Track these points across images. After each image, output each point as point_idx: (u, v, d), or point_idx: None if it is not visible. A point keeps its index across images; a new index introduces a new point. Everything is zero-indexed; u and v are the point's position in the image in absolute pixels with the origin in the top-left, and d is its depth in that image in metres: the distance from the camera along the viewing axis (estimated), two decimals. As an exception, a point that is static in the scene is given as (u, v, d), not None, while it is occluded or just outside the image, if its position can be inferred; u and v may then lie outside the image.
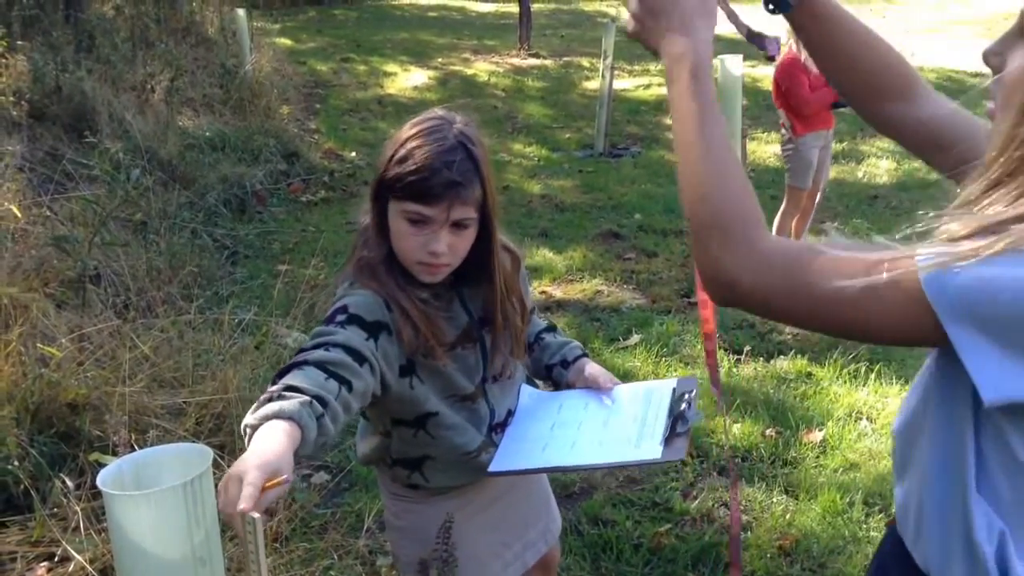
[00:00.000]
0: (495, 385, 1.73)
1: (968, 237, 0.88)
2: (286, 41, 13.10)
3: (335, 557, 2.66)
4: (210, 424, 3.01)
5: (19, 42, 6.46)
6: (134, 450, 2.65)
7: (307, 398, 1.25)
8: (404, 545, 1.82)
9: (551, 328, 1.96)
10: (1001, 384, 0.86)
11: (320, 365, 1.36)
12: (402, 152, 1.54)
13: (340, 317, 1.50)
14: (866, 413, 3.66)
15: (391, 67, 11.80)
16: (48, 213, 4.44)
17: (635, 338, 4.32)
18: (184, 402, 3.00)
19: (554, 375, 1.89)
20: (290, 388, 1.28)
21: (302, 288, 4.35)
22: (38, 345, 2.81)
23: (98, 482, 0.91)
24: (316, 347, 1.41)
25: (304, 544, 2.67)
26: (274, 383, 1.31)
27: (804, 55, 4.79)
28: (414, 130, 1.56)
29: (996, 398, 0.87)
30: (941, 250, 0.88)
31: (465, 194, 1.52)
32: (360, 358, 1.44)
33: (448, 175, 1.51)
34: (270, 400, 1.24)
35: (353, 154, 7.83)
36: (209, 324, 3.75)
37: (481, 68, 11.78)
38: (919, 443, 1.03)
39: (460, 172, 1.52)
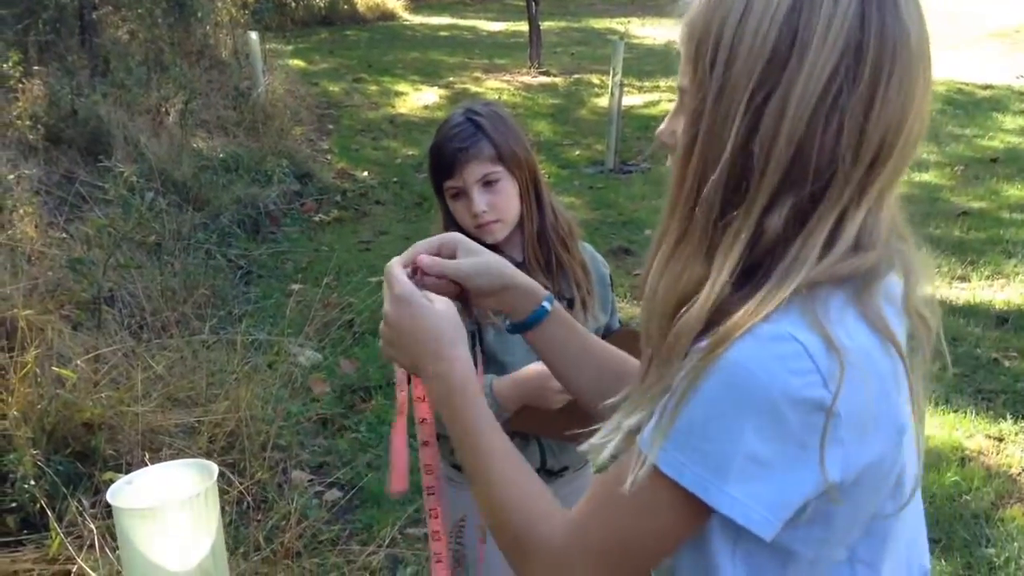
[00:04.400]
0: None
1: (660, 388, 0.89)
2: (299, 62, 13.22)
3: (345, 572, 2.68)
4: (222, 442, 3.04)
5: (35, 67, 6.57)
6: (148, 469, 2.70)
7: None
8: None
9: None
10: (769, 514, 0.84)
11: None
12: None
13: None
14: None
15: (402, 87, 11.89)
16: (64, 235, 4.51)
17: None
18: (197, 421, 3.03)
19: None
20: None
21: (315, 307, 4.40)
22: (53, 367, 2.86)
23: (108, 496, 0.95)
24: None
25: (315, 560, 2.70)
26: None
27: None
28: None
29: (774, 531, 0.85)
30: (651, 425, 0.88)
31: (473, 154, 1.76)
32: None
33: (452, 145, 1.76)
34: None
35: (365, 173, 7.89)
36: (223, 344, 3.79)
37: (491, 86, 11.86)
38: None
39: (462, 139, 1.76)
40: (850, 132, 0.85)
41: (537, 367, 1.72)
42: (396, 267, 1.12)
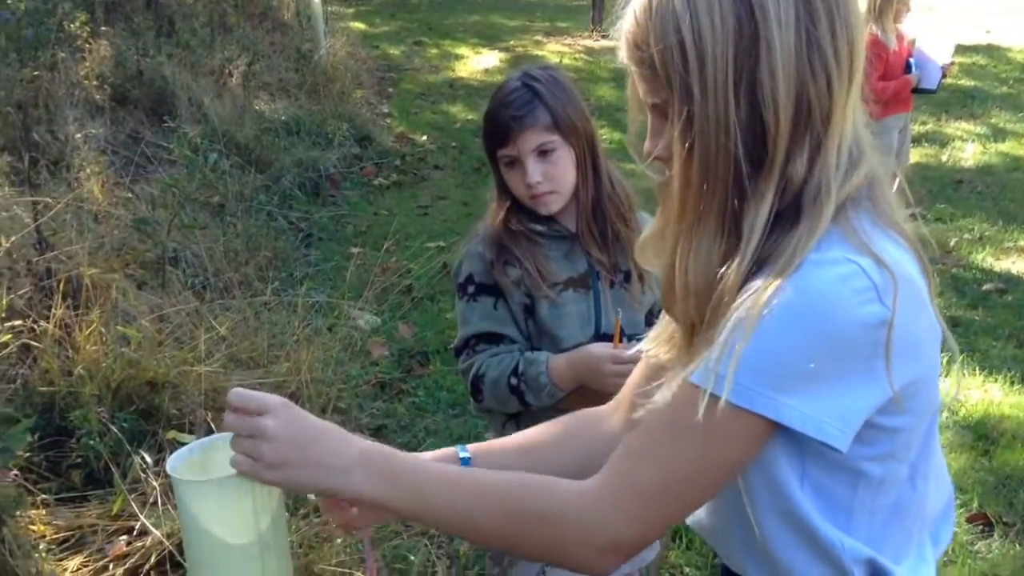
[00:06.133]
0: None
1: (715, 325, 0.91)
2: (360, 25, 13.18)
3: (403, 537, 2.68)
4: (284, 404, 3.05)
5: (102, 27, 6.63)
6: (211, 429, 2.71)
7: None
8: None
9: None
10: (841, 425, 0.87)
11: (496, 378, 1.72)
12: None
13: (470, 289, 1.77)
14: (946, 404, 3.54)
15: (462, 50, 11.79)
16: (129, 195, 4.56)
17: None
18: (259, 382, 3.05)
19: None
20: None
21: (375, 271, 4.39)
22: (118, 327, 2.89)
23: (167, 467, 0.93)
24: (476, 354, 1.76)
25: (374, 525, 2.69)
26: (479, 392, 1.74)
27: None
28: None
29: (847, 441, 0.89)
30: (710, 361, 0.89)
31: (528, 123, 1.69)
32: (498, 338, 1.75)
33: (507, 112, 1.70)
34: (518, 382, 1.69)
35: (424, 138, 7.85)
36: (284, 305, 3.81)
37: (553, 50, 11.71)
38: (743, 521, 1.00)
39: (517, 106, 1.69)
40: (832, 60, 0.90)
41: (593, 348, 1.67)
42: (240, 390, 1.00)
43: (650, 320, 1.88)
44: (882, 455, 0.94)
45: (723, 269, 0.91)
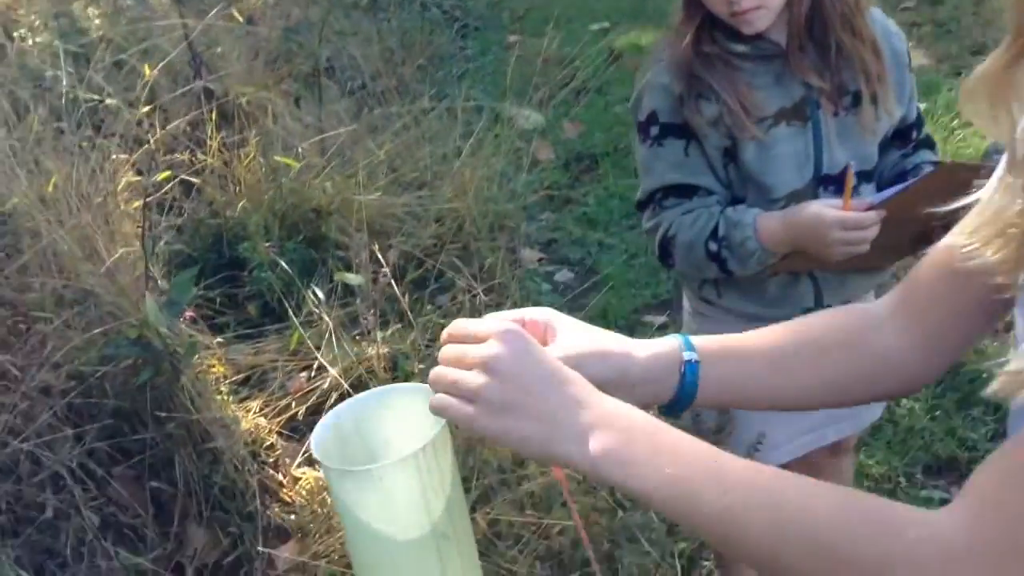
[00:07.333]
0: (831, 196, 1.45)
1: None
2: None
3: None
4: (453, 227, 2.89)
5: None
6: (380, 265, 2.59)
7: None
8: None
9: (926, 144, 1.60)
10: None
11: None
12: None
13: (654, 130, 1.47)
14: None
15: None
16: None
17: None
18: (424, 207, 2.89)
19: None
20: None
21: (538, 64, 4.06)
22: (276, 157, 2.76)
23: (313, 451, 0.75)
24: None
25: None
26: (668, 256, 1.48)
27: None
28: None
29: None
30: None
31: None
32: (691, 191, 1.46)
33: None
34: (719, 248, 1.42)
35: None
36: (443, 113, 3.59)
37: None
38: None
39: None
40: None
41: (816, 209, 1.36)
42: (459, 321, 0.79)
43: (885, 146, 1.53)
44: None
45: None
